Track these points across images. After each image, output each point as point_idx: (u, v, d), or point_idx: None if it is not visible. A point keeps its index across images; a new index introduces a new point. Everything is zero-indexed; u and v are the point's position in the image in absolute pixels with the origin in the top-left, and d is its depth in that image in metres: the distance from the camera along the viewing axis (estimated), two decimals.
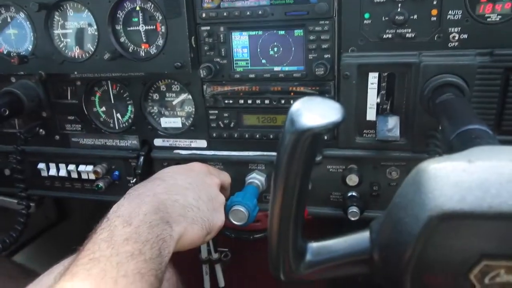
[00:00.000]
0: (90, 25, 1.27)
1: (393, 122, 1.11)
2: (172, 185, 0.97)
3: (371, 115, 1.16)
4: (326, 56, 1.13)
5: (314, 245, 0.62)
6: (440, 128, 1.01)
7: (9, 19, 1.33)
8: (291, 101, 1.20)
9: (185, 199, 0.94)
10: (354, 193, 1.22)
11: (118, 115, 1.40)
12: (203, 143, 1.33)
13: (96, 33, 1.25)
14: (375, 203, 1.23)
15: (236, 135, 1.27)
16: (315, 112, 0.52)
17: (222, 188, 1.14)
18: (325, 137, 1.19)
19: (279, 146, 0.55)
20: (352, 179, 1.18)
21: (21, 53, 1.34)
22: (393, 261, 0.52)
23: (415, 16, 1.05)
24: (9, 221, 1.84)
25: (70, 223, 2.23)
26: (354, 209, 1.16)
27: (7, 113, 1.27)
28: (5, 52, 1.37)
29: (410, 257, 0.49)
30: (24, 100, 1.33)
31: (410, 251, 0.49)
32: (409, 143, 1.14)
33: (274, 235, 0.60)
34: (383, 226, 0.55)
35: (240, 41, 1.18)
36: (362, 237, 0.59)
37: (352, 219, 1.16)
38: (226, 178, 1.20)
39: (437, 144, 1.06)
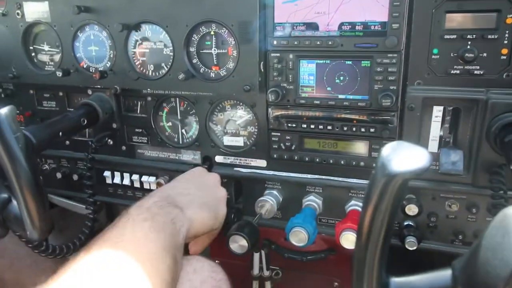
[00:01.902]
0: (166, 46, 1.36)
1: (457, 156, 1.12)
2: (175, 185, 1.17)
3: (433, 147, 1.18)
4: (391, 87, 1.16)
5: (396, 280, 0.65)
6: (508, 166, 1.02)
7: (92, 37, 1.45)
8: (353, 129, 1.23)
9: (188, 192, 1.11)
10: (411, 223, 1.23)
11: (183, 130, 1.48)
12: (263, 162, 1.38)
13: (171, 53, 1.34)
14: (432, 234, 1.24)
15: (296, 158, 1.32)
16: (404, 158, 0.55)
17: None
18: None
19: (369, 186, 0.59)
20: (412, 209, 1.19)
21: (100, 69, 1.45)
22: None
23: (485, 54, 1.07)
24: (70, 223, 1.96)
25: None
26: (411, 239, 1.17)
27: (85, 123, 1.37)
28: (84, 67, 1.48)
29: None
30: (100, 112, 1.43)
31: None
32: (471, 178, 1.15)
33: (360, 270, 0.63)
34: (468, 266, 0.58)
35: (308, 68, 1.23)
36: (444, 275, 0.61)
37: (410, 248, 1.18)
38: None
39: (502, 181, 1.07)
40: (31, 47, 1.54)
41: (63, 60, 1.48)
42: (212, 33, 1.30)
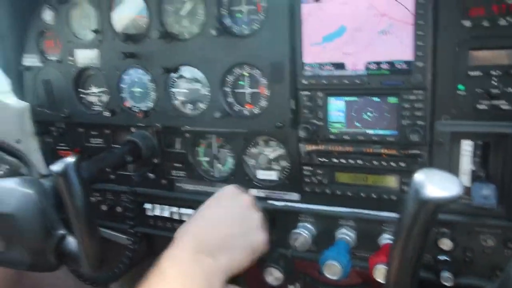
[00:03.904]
0: (203, 86, 1.46)
1: (488, 190, 1.12)
2: (207, 221, 1.12)
3: (464, 181, 1.18)
4: (419, 122, 1.19)
5: None
6: None
7: (136, 79, 1.57)
8: (383, 163, 1.26)
9: (220, 231, 1.07)
10: (446, 257, 1.22)
11: (219, 165, 1.55)
12: (295, 196, 1.42)
13: (208, 93, 1.44)
14: (469, 270, 1.22)
15: (328, 191, 1.35)
16: (437, 185, 0.57)
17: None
18: None
19: (401, 211, 0.61)
20: (445, 243, 1.19)
21: (142, 109, 1.57)
22: None
23: (510, 89, 1.08)
24: (111, 252, 2.05)
25: (156, 258, 2.40)
26: (447, 274, 1.16)
27: (129, 159, 1.47)
28: (128, 106, 1.61)
29: None
30: (143, 149, 1.54)
31: None
32: (506, 211, 1.14)
33: None
34: None
35: (337, 105, 1.29)
36: None
37: (446, 284, 1.16)
38: None
39: None
40: (81, 90, 1.69)
41: (110, 100, 1.62)
42: (245, 74, 1.39)
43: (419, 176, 0.60)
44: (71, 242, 1.06)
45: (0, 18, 1.61)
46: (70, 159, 1.00)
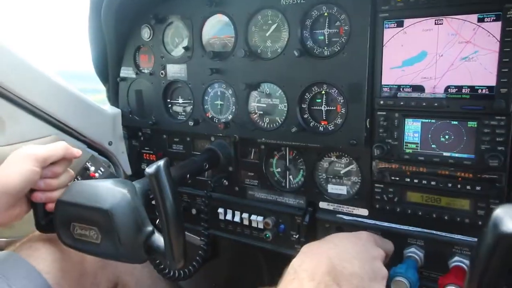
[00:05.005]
0: (281, 102, 1.56)
1: None
2: (342, 252, 1.13)
3: None
4: (499, 148, 1.19)
5: None
6: None
7: (218, 93, 1.71)
8: (458, 186, 1.27)
9: (353, 267, 1.08)
10: None
11: (291, 176, 1.63)
12: (364, 211, 1.46)
13: (286, 109, 1.53)
14: None
15: (398, 209, 1.38)
16: None
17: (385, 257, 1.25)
18: None
19: (478, 244, 0.65)
20: None
21: (222, 120, 1.70)
22: None
23: None
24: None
25: (220, 259, 2.51)
26: None
27: (207, 167, 1.60)
28: (210, 117, 1.74)
29: None
30: (221, 157, 1.67)
31: None
32: None
33: None
34: None
35: (413, 126, 1.32)
36: None
37: None
38: (390, 247, 1.31)
39: None
40: (168, 100, 1.86)
41: (194, 111, 1.76)
42: (323, 92, 1.46)
43: (500, 211, 0.62)
44: (158, 238, 1.17)
45: (106, 34, 1.82)
46: (161, 161, 1.12)
